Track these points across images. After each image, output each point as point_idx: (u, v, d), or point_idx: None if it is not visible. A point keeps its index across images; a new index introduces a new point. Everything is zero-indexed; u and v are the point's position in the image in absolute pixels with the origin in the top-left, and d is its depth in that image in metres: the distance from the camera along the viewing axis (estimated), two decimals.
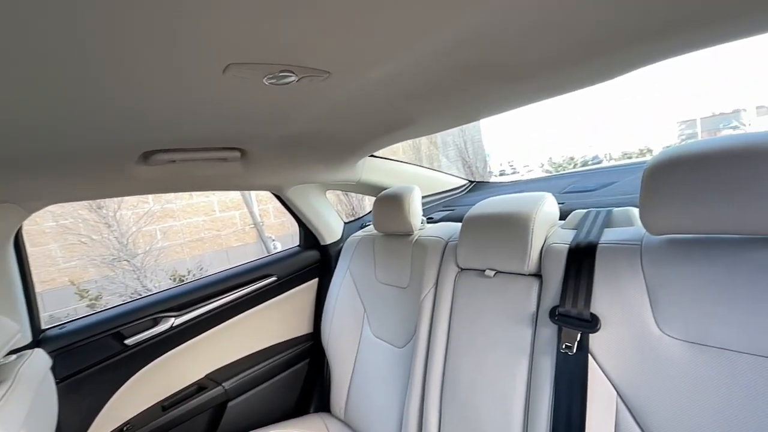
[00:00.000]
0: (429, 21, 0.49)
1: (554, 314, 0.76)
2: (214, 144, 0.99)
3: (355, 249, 1.44)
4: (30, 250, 3.47)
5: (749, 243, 0.59)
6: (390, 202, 1.25)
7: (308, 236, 1.59)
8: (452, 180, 1.84)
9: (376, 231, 1.38)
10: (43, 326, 1.12)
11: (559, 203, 1.02)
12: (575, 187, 1.31)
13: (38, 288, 1.10)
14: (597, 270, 0.73)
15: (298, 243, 1.66)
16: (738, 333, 0.57)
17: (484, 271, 0.94)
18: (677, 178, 0.61)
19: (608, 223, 0.83)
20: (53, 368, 1.07)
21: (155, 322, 1.24)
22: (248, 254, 4.82)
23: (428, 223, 1.36)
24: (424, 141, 6.46)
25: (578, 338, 0.71)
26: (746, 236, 0.60)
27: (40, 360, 0.83)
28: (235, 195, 4.99)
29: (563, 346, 0.72)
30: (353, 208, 5.36)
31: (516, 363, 0.81)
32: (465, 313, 0.97)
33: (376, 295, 1.32)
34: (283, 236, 5.21)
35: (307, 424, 1.34)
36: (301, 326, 1.57)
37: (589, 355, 0.70)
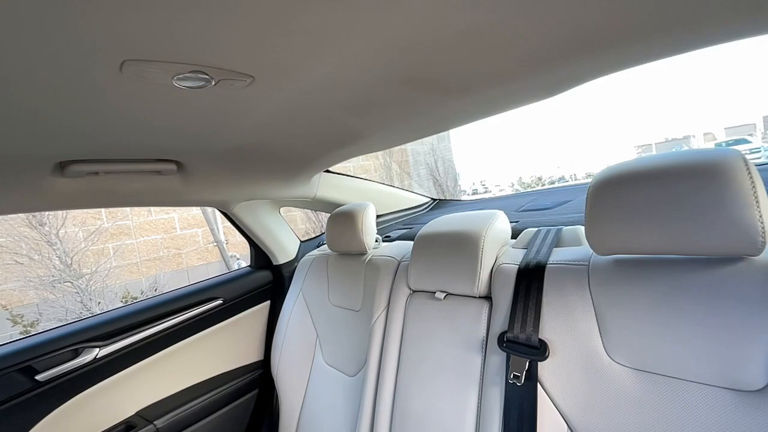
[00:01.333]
0: (354, 25, 0.45)
1: (502, 340, 0.71)
2: (144, 155, 0.90)
3: (309, 269, 1.36)
4: None
5: (690, 263, 0.57)
6: (343, 220, 1.19)
7: (259, 255, 1.49)
8: (414, 197, 1.81)
9: (330, 250, 1.31)
10: None
11: (513, 221, 0.99)
12: (532, 206, 1.30)
13: None
14: (545, 292, 0.69)
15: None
16: (683, 359, 0.54)
17: (435, 293, 0.89)
18: (618, 196, 0.59)
19: (558, 242, 0.80)
20: None
21: (76, 353, 1.10)
22: (210, 274, 4.59)
23: (385, 241, 1.31)
24: (395, 159, 6.50)
25: (527, 367, 0.66)
26: (686, 256, 0.58)
27: None
28: (197, 211, 4.79)
29: (512, 376, 0.67)
30: (323, 226, 5.26)
31: (466, 393, 0.75)
32: (415, 339, 0.91)
33: (329, 319, 1.24)
34: (248, 255, 5.02)
35: None
36: (250, 353, 1.45)
37: (539, 385, 0.66)
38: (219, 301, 1.36)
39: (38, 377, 1.04)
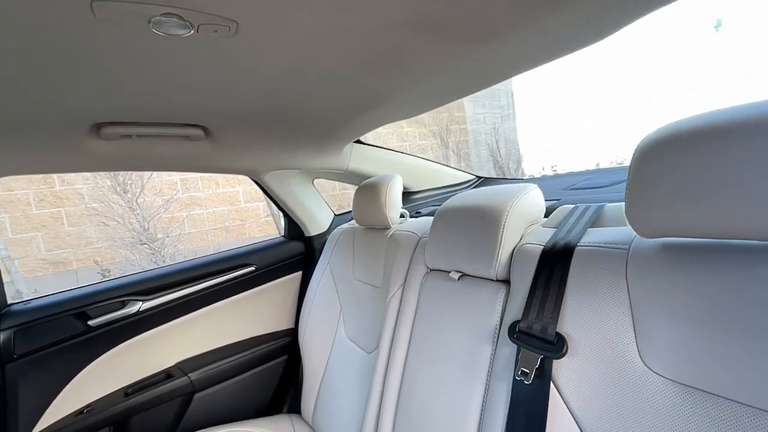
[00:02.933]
0: None
1: (514, 330, 0.61)
2: (171, 119, 0.92)
3: (336, 242, 1.34)
4: (67, 229, 3.66)
5: None
6: (368, 192, 1.14)
7: (292, 226, 1.50)
8: (458, 174, 1.69)
9: (357, 224, 1.27)
10: (9, 301, 1.11)
11: (554, 200, 0.86)
12: (586, 184, 1.12)
13: (74, 266, 1.09)
14: (571, 278, 0.58)
15: None
16: (740, 378, 0.41)
17: (450, 273, 0.80)
18: (674, 161, 0.45)
19: (597, 220, 0.67)
20: (13, 344, 1.06)
21: (122, 305, 1.20)
22: None
23: (413, 217, 1.23)
24: (452, 139, 6.24)
25: (538, 364, 0.56)
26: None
27: None
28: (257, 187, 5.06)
29: (519, 372, 0.57)
30: None
31: (472, 385, 0.67)
32: (427, 321, 0.83)
33: (353, 294, 1.21)
34: None
35: (274, 425, 1.26)
36: (281, 321, 1.49)
37: (552, 385, 0.55)
38: (252, 268, 1.40)
39: (90, 323, 1.15)
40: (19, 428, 1.07)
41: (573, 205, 0.73)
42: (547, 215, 0.79)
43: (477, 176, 1.70)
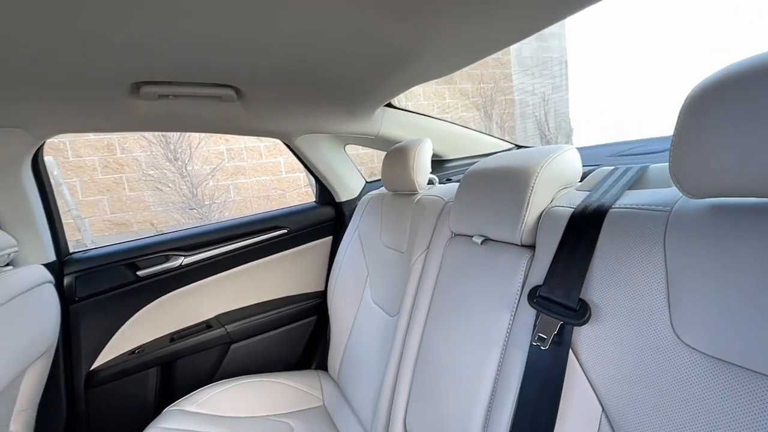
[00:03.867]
0: None
1: (534, 296, 0.58)
2: (205, 79, 0.94)
3: (365, 208, 1.34)
4: (128, 194, 3.98)
5: None
6: (396, 156, 1.11)
7: (324, 192, 1.52)
8: (496, 142, 1.60)
9: (386, 189, 1.25)
10: (71, 250, 1.23)
11: (594, 165, 0.79)
12: (637, 150, 1.02)
13: (134, 227, 1.21)
14: (600, 242, 0.53)
15: None
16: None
17: (473, 237, 0.77)
18: (728, 110, 0.39)
19: (638, 182, 0.60)
20: (74, 287, 1.18)
21: (167, 259, 1.30)
22: None
23: (444, 183, 1.20)
24: (496, 111, 5.95)
25: (557, 330, 0.53)
26: None
27: (34, 275, 0.90)
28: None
29: (536, 338, 0.55)
30: None
31: (487, 350, 0.66)
32: (448, 286, 0.82)
33: (379, 259, 1.21)
34: None
35: (303, 379, 1.33)
36: (311, 283, 1.54)
37: (571, 353, 0.52)
38: (284, 231, 1.45)
39: (139, 273, 1.26)
40: (82, 362, 1.21)
41: (612, 167, 0.67)
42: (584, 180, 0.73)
43: (516, 145, 1.61)
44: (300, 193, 5.33)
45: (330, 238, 1.54)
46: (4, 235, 0.85)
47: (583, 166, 0.76)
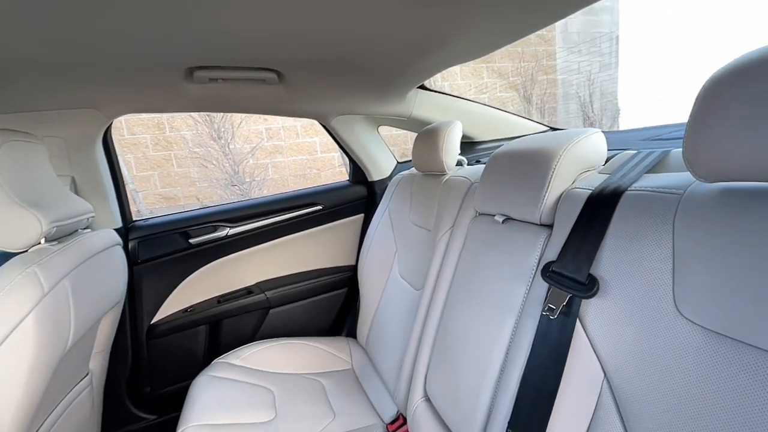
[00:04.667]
0: None
1: (547, 270, 0.62)
2: (250, 64, 1.02)
3: (396, 188, 1.39)
4: (176, 170, 4.26)
5: None
6: (427, 137, 1.15)
7: (357, 171, 1.59)
8: (530, 125, 1.59)
9: (416, 170, 1.30)
10: (134, 218, 1.39)
11: (621, 149, 0.80)
12: (672, 134, 1.00)
13: (181, 202, 1.35)
14: (613, 222, 0.56)
15: None
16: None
17: (495, 216, 0.81)
18: (742, 96, 0.40)
19: (658, 166, 0.62)
20: (138, 251, 1.34)
21: (215, 229, 1.43)
22: None
23: (473, 165, 1.23)
24: (537, 92, 5.71)
25: (565, 302, 0.57)
26: None
27: (107, 237, 1.04)
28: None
29: (546, 308, 0.59)
30: None
31: (501, 321, 0.71)
32: (469, 262, 0.87)
33: (407, 236, 1.27)
34: None
35: (333, 344, 1.44)
36: (343, 257, 1.63)
37: (578, 324, 0.57)
38: (319, 207, 1.54)
39: (191, 241, 1.40)
40: (144, 317, 1.38)
41: (634, 151, 0.68)
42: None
43: (551, 127, 1.59)
44: (334, 172, 5.45)
45: (362, 215, 1.62)
46: (84, 202, 0.99)
47: (613, 150, 0.77)
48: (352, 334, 1.53)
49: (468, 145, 1.52)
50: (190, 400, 1.09)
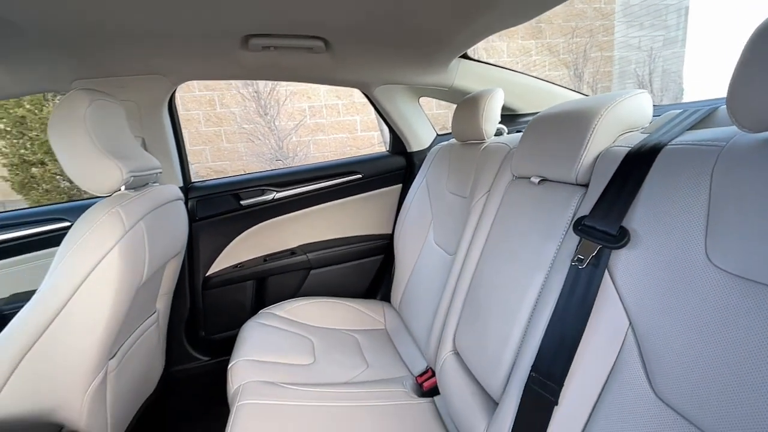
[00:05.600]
0: None
1: (579, 224, 0.64)
2: (300, 32, 1.08)
3: (434, 158, 1.42)
4: (225, 145, 4.53)
5: None
6: (467, 106, 1.16)
7: (396, 142, 1.63)
8: (576, 96, 1.55)
9: (455, 140, 1.32)
10: (193, 180, 1.53)
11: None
12: None
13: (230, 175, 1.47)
14: (649, 177, 0.57)
15: None
16: None
17: (530, 178, 0.83)
18: None
19: (703, 123, 0.60)
20: (195, 209, 1.47)
21: (262, 192, 1.54)
22: None
23: (513, 133, 1.23)
24: (590, 69, 5.37)
25: (595, 252, 0.59)
26: None
27: (173, 191, 1.16)
28: (374, 116, 5.30)
29: (576, 258, 0.61)
30: None
31: (532, 275, 0.73)
32: (504, 223, 0.89)
33: (443, 205, 1.31)
34: None
35: (369, 306, 1.52)
36: (381, 225, 1.70)
37: (607, 273, 0.58)
38: (359, 176, 1.60)
39: (242, 202, 1.51)
40: (200, 269, 1.53)
41: (681, 110, 0.67)
42: None
43: None
44: (373, 150, 5.51)
45: (399, 186, 1.67)
46: (154, 159, 1.11)
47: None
48: (386, 298, 1.61)
49: (510, 117, 1.51)
50: (240, 340, 1.21)
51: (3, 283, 1.35)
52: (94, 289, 0.83)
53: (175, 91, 1.32)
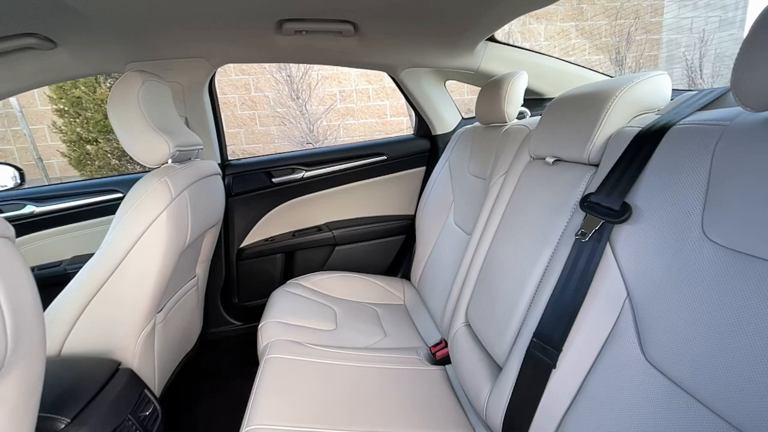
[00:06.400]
0: None
1: (585, 201, 0.67)
2: (331, 16, 1.13)
3: (458, 141, 1.45)
4: (259, 128, 4.71)
5: None
6: (491, 88, 1.18)
7: (422, 125, 1.66)
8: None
9: (479, 123, 1.34)
10: (229, 158, 1.64)
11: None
12: None
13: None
14: (655, 155, 0.59)
15: None
16: None
17: (545, 158, 0.85)
18: None
19: (715, 103, 0.61)
20: (231, 185, 1.58)
21: (292, 171, 1.63)
22: None
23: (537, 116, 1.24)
24: (633, 53, 5.09)
25: (597, 226, 0.62)
26: None
27: (212, 166, 1.26)
28: (404, 101, 5.30)
29: (579, 232, 0.65)
30: None
31: (541, 248, 0.77)
32: (519, 201, 0.92)
33: (464, 187, 1.34)
34: None
35: (390, 283, 1.59)
36: (403, 206, 1.75)
37: (609, 246, 0.62)
38: (384, 157, 1.66)
39: (273, 180, 1.61)
40: (235, 241, 1.65)
41: (696, 91, 0.67)
42: None
43: None
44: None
45: (423, 168, 1.71)
46: (196, 136, 1.21)
47: None
48: (406, 276, 1.67)
49: (536, 101, 1.50)
50: (270, 305, 1.32)
51: (65, 246, 1.53)
52: (146, 248, 0.94)
53: (215, 73, 1.41)
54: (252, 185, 1.61)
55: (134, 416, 0.84)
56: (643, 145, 0.61)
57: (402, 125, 5.47)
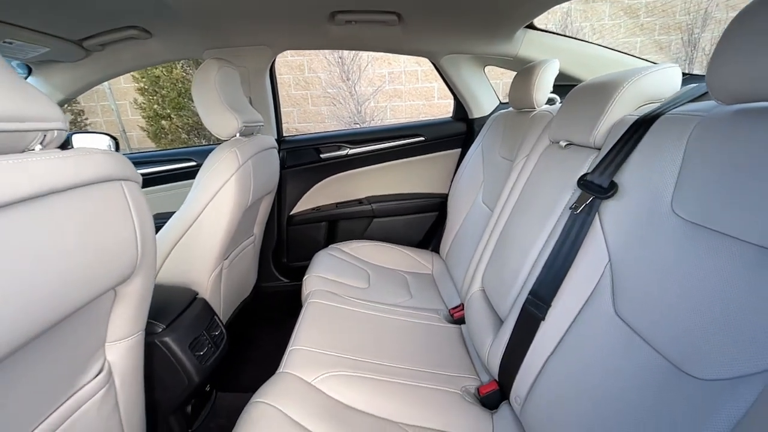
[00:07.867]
0: None
1: (581, 180, 0.76)
2: (377, 7, 1.26)
3: (491, 125, 1.53)
4: (311, 108, 4.96)
5: None
6: (523, 75, 1.26)
7: (459, 109, 1.75)
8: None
9: (512, 108, 1.42)
10: (284, 135, 1.85)
11: None
12: None
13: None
14: (643, 141, 0.67)
15: None
16: (751, 221, 0.48)
17: (559, 142, 0.94)
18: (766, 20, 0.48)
19: (706, 95, 0.67)
20: (285, 159, 1.80)
21: (338, 148, 1.81)
22: None
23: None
24: (705, 35, 4.64)
25: (588, 201, 0.72)
26: None
27: (271, 141, 1.47)
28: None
29: (572, 205, 0.75)
30: None
31: (545, 222, 0.88)
32: (533, 182, 1.02)
33: (494, 169, 1.44)
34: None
35: (420, 254, 1.74)
36: (439, 185, 1.87)
37: (597, 219, 0.72)
38: (422, 138, 1.78)
39: (321, 156, 1.80)
40: (286, 209, 1.87)
41: (698, 84, 0.73)
42: None
43: (688, 74, 1.47)
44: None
45: (459, 150, 1.81)
46: (258, 114, 1.42)
47: None
48: (436, 250, 1.81)
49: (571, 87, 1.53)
50: (313, 263, 1.53)
51: (149, 205, 1.83)
52: (218, 205, 1.16)
53: (275, 59, 1.61)
54: (303, 159, 1.81)
55: (207, 333, 1.09)
56: (636, 131, 0.70)
57: (448, 108, 5.45)
